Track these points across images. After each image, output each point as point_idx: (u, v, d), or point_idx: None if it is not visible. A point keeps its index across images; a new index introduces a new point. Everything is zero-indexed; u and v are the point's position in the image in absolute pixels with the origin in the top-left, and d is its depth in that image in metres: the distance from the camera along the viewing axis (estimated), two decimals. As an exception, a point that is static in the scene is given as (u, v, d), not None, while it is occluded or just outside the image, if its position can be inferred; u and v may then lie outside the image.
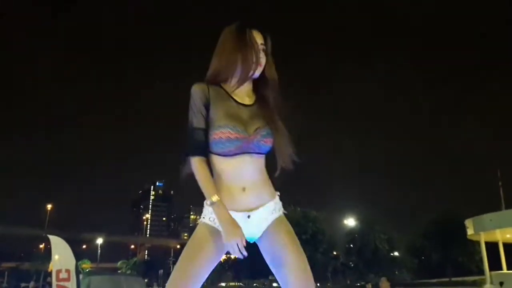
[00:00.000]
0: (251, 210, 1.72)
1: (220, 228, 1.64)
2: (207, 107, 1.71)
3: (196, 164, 1.67)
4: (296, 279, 1.64)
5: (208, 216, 1.72)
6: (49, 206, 48.66)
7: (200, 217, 1.79)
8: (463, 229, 22.74)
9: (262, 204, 1.74)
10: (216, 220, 1.68)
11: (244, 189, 1.70)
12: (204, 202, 1.72)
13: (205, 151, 1.70)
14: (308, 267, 1.69)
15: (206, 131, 1.69)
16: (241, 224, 1.65)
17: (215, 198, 1.63)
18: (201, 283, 1.65)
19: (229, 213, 1.63)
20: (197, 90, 1.71)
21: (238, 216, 1.68)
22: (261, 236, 1.76)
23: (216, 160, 1.71)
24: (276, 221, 1.76)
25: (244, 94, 1.80)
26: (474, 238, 22.70)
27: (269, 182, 1.81)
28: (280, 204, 1.81)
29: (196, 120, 1.69)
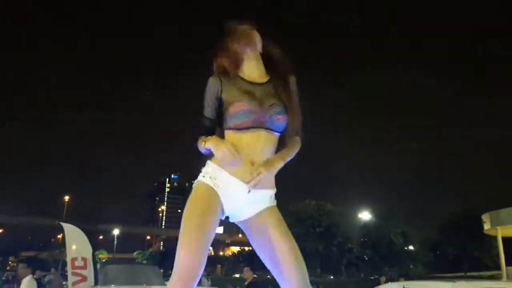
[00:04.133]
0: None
1: (218, 189, 1.72)
2: (219, 97, 1.82)
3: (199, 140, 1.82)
4: (292, 272, 1.65)
5: (210, 174, 1.75)
6: (66, 198, 49.74)
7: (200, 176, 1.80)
8: (480, 223, 22.42)
9: (265, 187, 1.76)
10: (216, 180, 1.72)
11: (253, 163, 1.73)
12: (207, 161, 1.79)
13: (208, 134, 1.83)
14: (300, 255, 1.70)
15: (213, 121, 1.84)
16: (240, 195, 1.72)
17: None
18: (208, 247, 1.65)
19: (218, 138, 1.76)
20: (211, 82, 1.85)
21: (240, 186, 1.72)
22: (248, 219, 1.79)
23: (232, 135, 1.78)
24: (270, 209, 1.80)
25: (256, 75, 1.89)
26: (491, 233, 22.36)
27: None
28: (274, 198, 1.84)
29: (206, 110, 1.85)
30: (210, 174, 1.74)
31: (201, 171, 1.79)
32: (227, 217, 1.81)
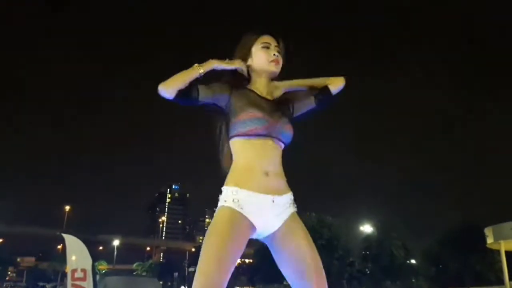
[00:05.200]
0: (274, 194, 1.70)
1: (243, 210, 1.64)
2: (227, 96, 1.78)
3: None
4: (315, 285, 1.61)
5: (231, 198, 1.66)
6: (67, 207, 49.53)
7: (219, 204, 1.69)
8: (483, 237, 22.26)
9: (284, 192, 1.75)
10: (239, 202, 1.65)
11: (267, 173, 1.71)
12: (222, 188, 1.71)
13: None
14: (323, 271, 1.66)
15: (200, 87, 1.72)
16: (267, 207, 1.68)
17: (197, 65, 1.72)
18: (231, 272, 1.58)
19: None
20: (222, 83, 1.81)
21: (263, 199, 1.68)
22: (274, 232, 1.72)
23: (239, 142, 1.75)
24: (293, 216, 1.75)
25: (265, 92, 1.89)
26: (494, 247, 22.20)
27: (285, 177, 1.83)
28: (294, 202, 1.80)
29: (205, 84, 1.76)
30: (232, 197, 1.65)
31: (219, 199, 1.70)
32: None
